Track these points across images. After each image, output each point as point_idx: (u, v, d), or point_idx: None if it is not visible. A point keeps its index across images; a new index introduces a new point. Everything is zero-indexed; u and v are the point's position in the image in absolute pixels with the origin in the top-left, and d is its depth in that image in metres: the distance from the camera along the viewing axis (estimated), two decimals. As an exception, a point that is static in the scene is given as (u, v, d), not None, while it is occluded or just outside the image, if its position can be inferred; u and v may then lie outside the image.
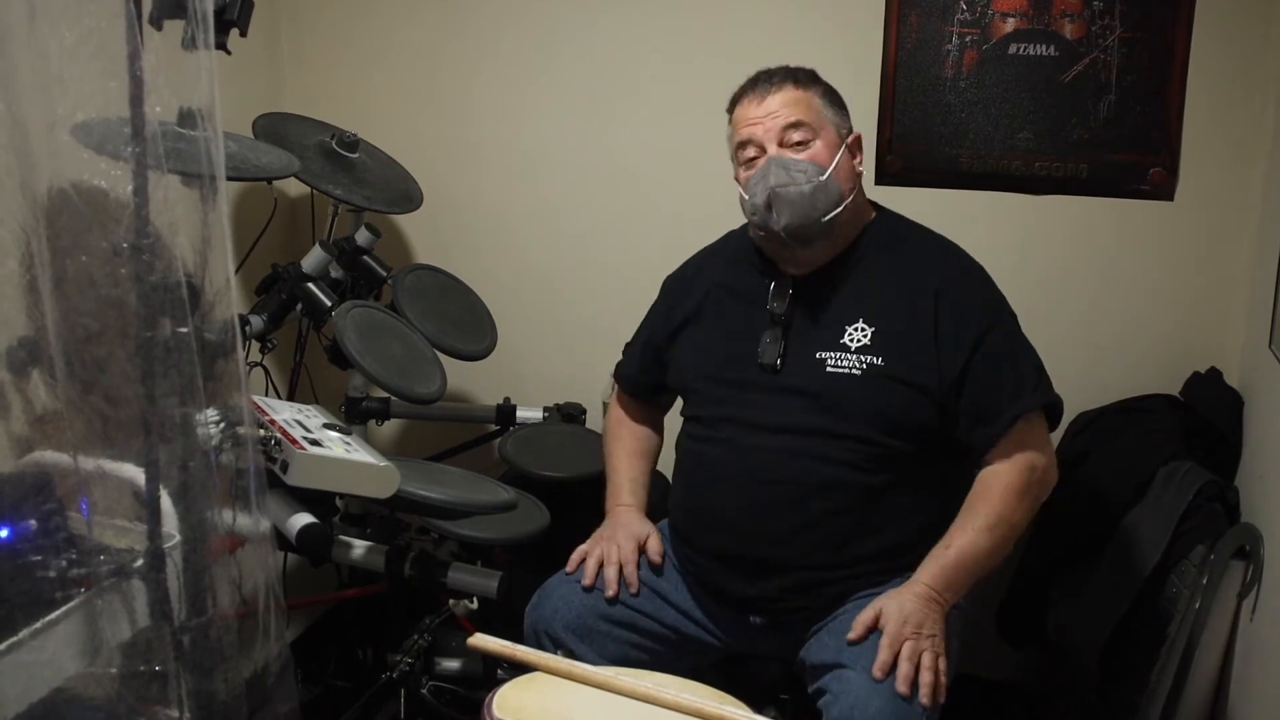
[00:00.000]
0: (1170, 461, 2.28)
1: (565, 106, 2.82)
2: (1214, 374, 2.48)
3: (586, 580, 1.93)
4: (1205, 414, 2.40)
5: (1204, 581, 2.09)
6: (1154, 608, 2.17)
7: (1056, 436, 2.50)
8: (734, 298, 2.00)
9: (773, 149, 1.87)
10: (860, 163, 1.96)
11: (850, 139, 1.93)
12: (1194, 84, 2.45)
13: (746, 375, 1.92)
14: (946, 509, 1.86)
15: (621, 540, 1.98)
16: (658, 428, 2.25)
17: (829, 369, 1.87)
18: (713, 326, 2.01)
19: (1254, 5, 2.39)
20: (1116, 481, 2.33)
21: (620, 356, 2.27)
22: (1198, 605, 2.08)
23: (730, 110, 1.96)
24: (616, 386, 2.27)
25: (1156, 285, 2.55)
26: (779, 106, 1.88)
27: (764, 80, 1.91)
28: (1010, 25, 2.52)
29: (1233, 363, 2.49)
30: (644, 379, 2.19)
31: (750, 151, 1.90)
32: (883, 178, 2.64)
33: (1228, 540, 2.10)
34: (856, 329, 1.88)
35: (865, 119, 2.62)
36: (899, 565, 1.85)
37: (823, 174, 1.85)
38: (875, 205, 2.04)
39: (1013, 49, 2.52)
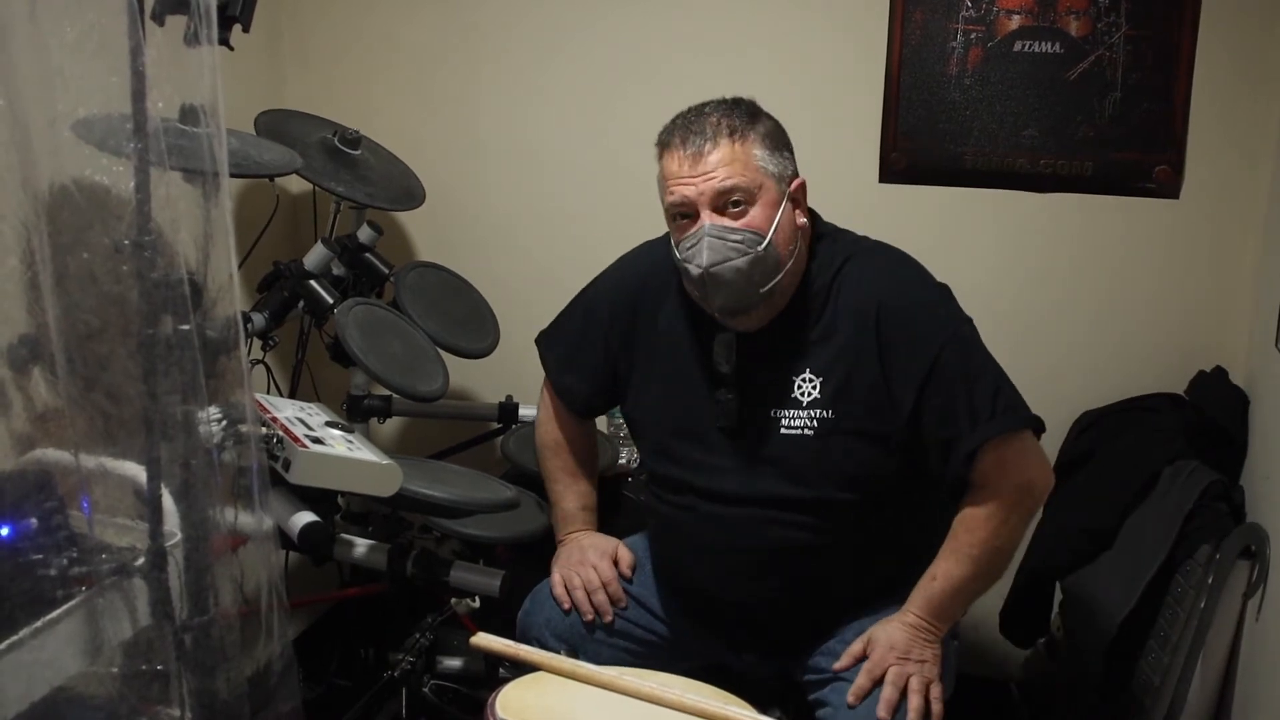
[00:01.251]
0: (1175, 461, 2.27)
1: (568, 104, 2.81)
2: (1219, 373, 2.47)
3: (586, 616, 1.91)
4: (1210, 413, 2.39)
5: (1209, 581, 2.08)
6: (1159, 607, 2.16)
7: (1059, 436, 2.52)
8: (682, 348, 1.87)
9: (707, 216, 1.70)
10: (803, 212, 1.80)
11: (793, 187, 1.76)
12: (1199, 82, 2.44)
13: (705, 437, 1.83)
14: (930, 536, 1.81)
15: (595, 561, 1.95)
16: (593, 433, 2.15)
17: (783, 430, 1.78)
18: (665, 377, 1.89)
19: (1259, 3, 2.39)
20: (1121, 480, 2.32)
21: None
22: (1203, 605, 2.08)
23: (660, 150, 1.79)
24: (550, 397, 2.11)
25: (1161, 283, 2.55)
26: (715, 167, 1.70)
27: (696, 132, 1.72)
28: (1015, 22, 2.51)
29: (1238, 361, 2.48)
30: (597, 400, 2.07)
31: (682, 211, 1.74)
32: (887, 175, 2.63)
33: (1233, 540, 2.09)
34: (805, 380, 1.77)
35: (869, 116, 2.61)
36: (888, 598, 1.82)
37: (762, 242, 1.70)
38: (815, 224, 1.85)
39: (1018, 46, 2.51)
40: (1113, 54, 2.46)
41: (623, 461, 2.64)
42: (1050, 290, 2.61)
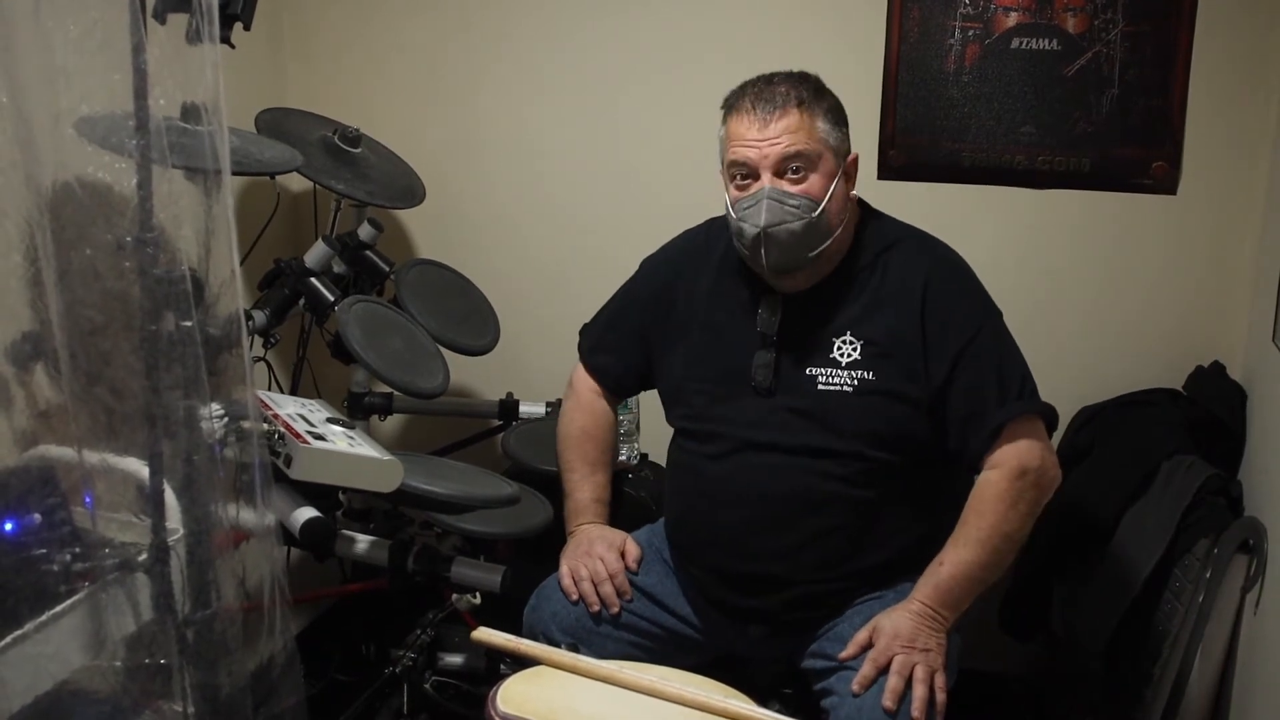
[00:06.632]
0: (1174, 455, 2.28)
1: (568, 101, 2.81)
2: (1217, 368, 2.48)
3: (593, 607, 1.91)
4: (1209, 408, 2.39)
5: (1207, 575, 2.08)
6: (1158, 601, 2.17)
7: (1059, 431, 2.52)
8: (725, 310, 1.94)
9: (767, 178, 1.79)
10: (853, 185, 1.90)
11: (848, 162, 1.86)
12: (1197, 78, 2.44)
13: (741, 393, 1.89)
14: (945, 517, 1.83)
15: (603, 553, 1.96)
16: (614, 429, 2.18)
17: (820, 386, 1.84)
18: (705, 338, 1.95)
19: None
20: (1120, 475, 2.32)
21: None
22: (1201, 599, 2.08)
23: (726, 111, 1.86)
24: (581, 380, 2.16)
25: (1159, 279, 2.55)
26: (780, 134, 1.78)
27: (766, 100, 1.80)
28: (1013, 19, 2.51)
29: (1236, 356, 2.49)
30: (630, 378, 2.13)
31: (743, 172, 1.82)
32: (885, 172, 2.64)
33: (1231, 534, 2.10)
34: (845, 342, 1.85)
35: (868, 113, 2.62)
36: (900, 575, 1.85)
37: (816, 209, 1.79)
38: (863, 206, 1.96)
39: (1015, 43, 2.52)
40: (1110, 50, 2.47)
41: (623, 458, 2.64)
42: (1048, 286, 2.61)
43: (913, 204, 2.59)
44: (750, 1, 2.66)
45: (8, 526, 1.45)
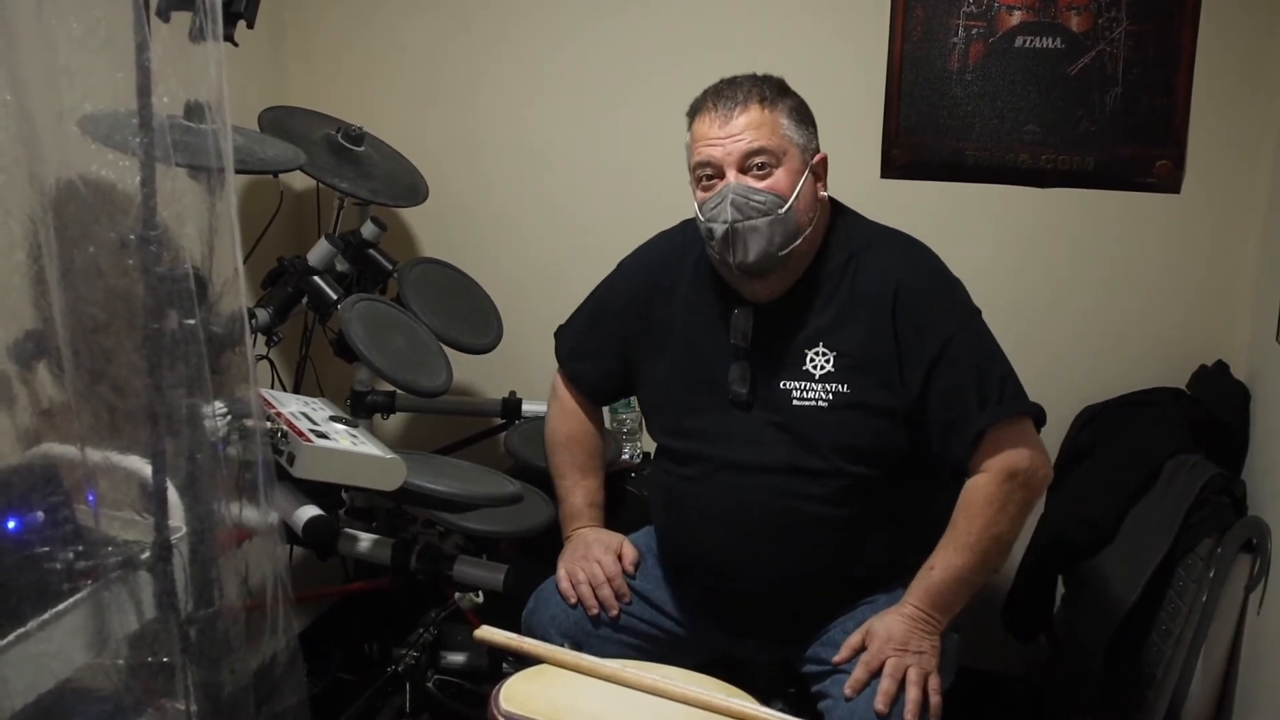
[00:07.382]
0: (1177, 454, 2.28)
1: (571, 100, 2.81)
2: (1221, 367, 2.47)
3: (591, 610, 1.91)
4: (1212, 407, 2.39)
5: (1210, 575, 2.08)
6: (1160, 601, 2.17)
7: (1061, 430, 2.53)
8: (701, 318, 1.92)
9: (732, 175, 1.77)
10: (824, 186, 1.86)
11: (815, 161, 1.83)
12: (1200, 77, 2.44)
13: (718, 408, 1.87)
14: (933, 523, 1.82)
15: (600, 556, 1.96)
16: (601, 431, 2.16)
17: (795, 402, 1.82)
18: (683, 348, 1.93)
19: (1260, -2, 2.39)
20: (1123, 474, 2.32)
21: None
22: (1204, 598, 2.08)
23: (690, 117, 1.86)
24: (563, 386, 2.15)
25: (1163, 278, 2.55)
26: (742, 129, 1.77)
27: (728, 97, 1.80)
28: (1016, 18, 2.51)
29: (1240, 356, 2.49)
30: (607, 385, 2.12)
31: (708, 172, 1.80)
32: (888, 171, 2.64)
33: (1235, 533, 2.10)
34: (818, 353, 1.82)
35: (871, 112, 2.62)
36: (891, 580, 1.84)
37: (783, 205, 1.76)
38: (835, 207, 1.92)
39: (1019, 41, 2.52)
40: (1114, 49, 2.47)
41: (625, 457, 2.64)
42: (1051, 285, 2.61)
43: (916, 203, 2.61)
44: (750, 1, 2.66)
45: (11, 524, 1.45)
